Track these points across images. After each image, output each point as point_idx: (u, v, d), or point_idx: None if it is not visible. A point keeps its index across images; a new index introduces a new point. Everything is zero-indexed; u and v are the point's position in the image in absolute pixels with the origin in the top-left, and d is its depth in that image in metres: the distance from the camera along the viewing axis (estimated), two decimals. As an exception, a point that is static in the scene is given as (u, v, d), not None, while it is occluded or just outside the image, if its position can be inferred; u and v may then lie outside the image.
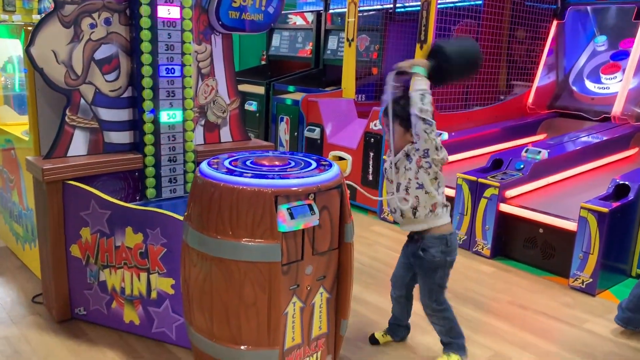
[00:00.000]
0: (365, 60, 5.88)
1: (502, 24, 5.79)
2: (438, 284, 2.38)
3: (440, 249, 2.33)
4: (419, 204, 2.31)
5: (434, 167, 2.28)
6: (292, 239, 2.01)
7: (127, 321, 2.61)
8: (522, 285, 3.43)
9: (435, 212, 2.32)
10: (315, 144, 5.21)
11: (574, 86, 5.60)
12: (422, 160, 2.27)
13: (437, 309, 2.41)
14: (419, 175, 2.29)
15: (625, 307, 2.80)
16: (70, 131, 2.66)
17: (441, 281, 2.38)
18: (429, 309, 2.43)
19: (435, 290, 2.39)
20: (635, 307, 2.76)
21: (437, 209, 2.32)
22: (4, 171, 3.40)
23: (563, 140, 4.60)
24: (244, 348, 2.03)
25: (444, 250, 2.34)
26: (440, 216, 2.33)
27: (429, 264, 2.35)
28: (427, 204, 2.31)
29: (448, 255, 2.35)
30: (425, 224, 2.34)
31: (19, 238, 3.34)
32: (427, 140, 2.22)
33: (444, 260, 2.35)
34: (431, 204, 2.31)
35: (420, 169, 2.28)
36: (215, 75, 3.13)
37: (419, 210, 2.31)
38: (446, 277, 2.40)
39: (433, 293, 2.40)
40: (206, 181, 2.02)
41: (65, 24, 2.55)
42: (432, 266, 2.35)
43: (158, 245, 2.43)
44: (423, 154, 2.26)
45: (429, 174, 2.28)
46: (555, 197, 3.92)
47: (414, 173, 2.29)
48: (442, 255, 2.34)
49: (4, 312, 2.81)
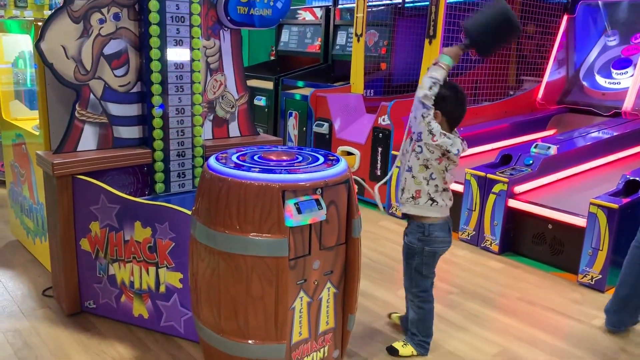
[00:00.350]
0: (374, 55, 5.87)
1: (512, 19, 5.73)
2: (416, 270, 2.43)
3: (417, 237, 2.39)
4: (405, 187, 2.38)
5: (425, 153, 2.30)
6: (300, 233, 2.02)
7: (136, 315, 2.63)
8: (530, 281, 3.42)
9: (416, 201, 2.35)
10: (324, 139, 5.21)
11: (585, 81, 5.56)
12: (416, 144, 2.31)
13: (416, 294, 2.46)
14: (410, 158, 2.35)
15: (611, 310, 2.77)
16: (80, 126, 2.68)
17: (420, 268, 2.42)
18: (409, 293, 2.50)
19: (414, 277, 2.45)
20: (619, 308, 2.74)
21: (420, 198, 2.34)
22: (15, 165, 3.43)
23: (573, 136, 4.57)
24: (251, 342, 2.04)
25: (421, 239, 2.38)
26: (423, 208, 2.35)
27: (407, 248, 2.44)
28: (412, 188, 2.35)
29: (426, 244, 2.38)
30: (404, 208, 2.40)
31: (29, 232, 3.38)
32: (421, 122, 2.26)
33: (421, 248, 2.39)
34: (415, 190, 2.34)
35: (413, 152, 2.33)
36: (224, 70, 3.13)
37: (404, 192, 2.38)
38: (425, 265, 2.42)
39: (413, 279, 2.46)
40: (214, 176, 2.02)
41: (75, 19, 2.56)
42: (410, 252, 2.43)
43: (166, 239, 2.44)
44: (417, 137, 2.30)
45: (418, 158, 2.32)
46: (564, 193, 3.90)
47: (409, 155, 2.36)
48: (419, 242, 2.39)
49: (15, 305, 2.85)
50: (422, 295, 2.46)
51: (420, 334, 2.50)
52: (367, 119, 5.15)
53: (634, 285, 2.69)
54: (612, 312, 2.78)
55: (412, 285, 2.47)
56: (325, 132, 5.20)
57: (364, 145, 4.86)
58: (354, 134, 5.05)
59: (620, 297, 2.74)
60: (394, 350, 2.51)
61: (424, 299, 2.46)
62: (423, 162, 2.32)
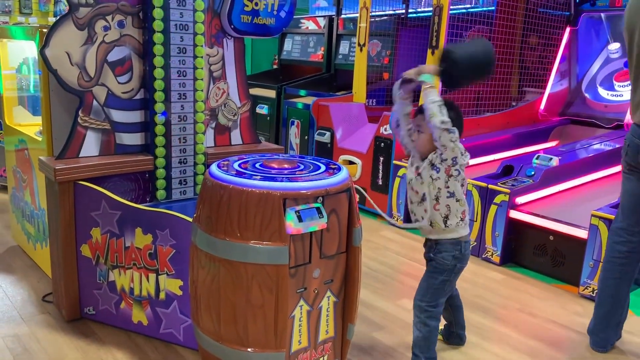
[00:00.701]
0: (377, 65, 5.89)
1: (515, 30, 5.77)
2: (437, 286, 2.36)
3: (452, 254, 2.32)
4: (450, 213, 2.29)
5: (462, 174, 2.27)
6: (300, 242, 2.02)
7: (136, 321, 2.63)
8: (531, 292, 3.41)
9: (464, 221, 2.31)
10: (326, 147, 5.22)
11: (587, 93, 5.57)
12: (452, 169, 2.24)
13: (424, 309, 2.36)
14: (449, 184, 2.26)
15: (595, 330, 2.75)
16: (83, 132, 2.69)
17: (442, 285, 2.35)
18: (417, 308, 2.40)
19: (431, 291, 2.37)
20: (604, 327, 2.72)
21: (466, 217, 2.32)
22: (17, 171, 3.44)
23: (575, 148, 4.57)
24: (250, 350, 2.04)
25: (457, 256, 2.32)
26: (466, 222, 2.34)
27: (438, 265, 2.34)
28: (459, 212, 2.29)
29: (459, 261, 2.34)
30: (455, 233, 2.31)
31: (30, 237, 3.38)
32: (454, 148, 2.21)
33: (452, 266, 2.33)
34: (461, 212, 2.30)
35: (451, 178, 2.26)
36: (227, 78, 3.15)
37: (450, 219, 2.29)
38: (449, 282, 2.37)
39: (428, 293, 2.36)
40: (215, 183, 2.03)
41: (80, 26, 2.58)
42: (440, 268, 2.34)
43: (167, 246, 2.44)
44: (452, 162, 2.23)
45: (459, 181, 2.27)
46: (566, 204, 3.89)
47: (444, 182, 2.26)
48: (453, 260, 2.32)
49: (15, 311, 2.84)
50: (431, 310, 2.36)
51: (422, 355, 2.40)
52: (369, 128, 5.16)
53: (613, 300, 2.67)
54: (596, 333, 2.74)
55: (425, 300, 2.37)
56: (327, 141, 5.20)
57: (366, 155, 4.86)
58: (355, 143, 5.06)
59: (601, 316, 2.71)
60: None
61: (432, 315, 2.37)
62: (461, 182, 2.28)
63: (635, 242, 2.61)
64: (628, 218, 2.62)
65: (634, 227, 2.60)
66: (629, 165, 2.59)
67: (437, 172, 2.26)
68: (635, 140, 2.53)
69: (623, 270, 2.65)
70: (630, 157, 2.56)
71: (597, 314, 2.74)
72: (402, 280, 3.50)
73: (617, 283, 2.66)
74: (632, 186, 2.59)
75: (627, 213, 2.62)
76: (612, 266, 2.67)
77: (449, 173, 2.25)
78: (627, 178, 2.62)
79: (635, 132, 2.54)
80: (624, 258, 2.64)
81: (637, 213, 2.59)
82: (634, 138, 2.53)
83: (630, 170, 2.59)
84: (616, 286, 2.66)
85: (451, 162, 2.23)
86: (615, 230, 2.68)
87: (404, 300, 3.19)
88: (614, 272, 2.66)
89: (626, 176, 2.63)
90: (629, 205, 2.62)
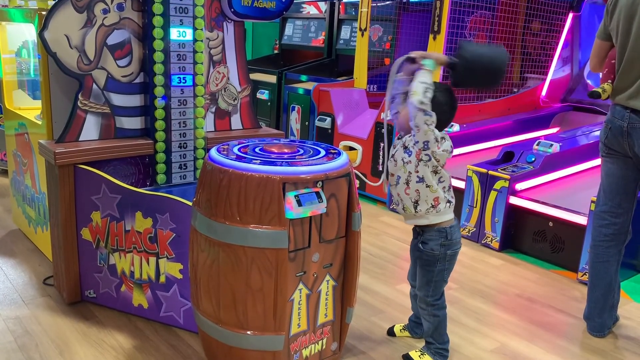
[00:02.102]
0: (378, 50, 5.86)
1: (518, 16, 5.73)
2: (436, 278, 2.32)
3: (439, 242, 2.27)
4: (420, 198, 2.24)
5: (433, 160, 2.19)
6: (299, 226, 2.02)
7: (136, 304, 2.65)
8: (530, 278, 3.42)
9: (437, 208, 2.24)
10: (326, 133, 5.21)
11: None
12: (422, 153, 2.18)
13: (431, 304, 2.35)
14: (419, 169, 2.20)
15: (592, 315, 2.76)
16: (83, 116, 2.69)
17: (440, 275, 2.32)
18: (423, 302, 2.37)
19: (432, 284, 2.33)
20: (599, 312, 2.74)
21: (440, 205, 2.24)
22: (17, 155, 3.44)
23: (576, 134, 4.56)
24: (249, 333, 2.05)
25: (444, 244, 2.27)
26: (443, 213, 2.25)
27: (428, 256, 2.29)
28: (429, 198, 2.23)
29: (448, 248, 2.28)
30: (426, 220, 2.26)
31: (31, 221, 3.39)
32: (427, 132, 2.13)
33: (443, 254, 2.28)
34: (433, 198, 2.23)
35: (420, 162, 2.19)
36: (227, 62, 3.13)
37: (419, 204, 2.24)
38: (446, 271, 2.33)
39: (430, 286, 2.33)
40: (215, 167, 2.03)
41: (79, 8, 2.56)
42: (432, 259, 2.29)
43: (167, 230, 2.45)
44: (423, 146, 2.17)
45: (428, 167, 2.20)
46: (566, 190, 3.89)
47: (414, 166, 2.21)
48: (441, 248, 2.27)
49: (16, 293, 2.86)
50: (437, 302, 2.35)
51: (437, 342, 2.41)
52: (369, 114, 5.15)
53: (604, 284, 2.70)
54: (592, 318, 2.76)
55: (429, 294, 2.34)
56: (327, 126, 5.19)
57: (366, 141, 4.85)
58: (356, 129, 5.05)
59: (596, 300, 2.73)
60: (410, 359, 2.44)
61: (439, 306, 2.36)
62: (433, 169, 2.21)
63: (619, 223, 2.66)
64: (611, 200, 2.66)
65: (617, 209, 2.65)
66: (608, 149, 2.63)
67: (409, 156, 2.21)
68: (617, 121, 2.55)
69: (610, 252, 2.69)
70: (610, 140, 2.59)
71: (591, 298, 2.76)
72: (402, 265, 3.51)
73: (605, 266, 2.69)
74: (612, 168, 2.64)
75: (609, 196, 2.67)
76: (599, 250, 2.71)
77: (418, 157, 2.19)
78: (606, 161, 2.67)
79: (619, 113, 2.55)
80: (610, 240, 2.68)
81: (619, 194, 2.64)
82: (616, 119, 2.56)
83: (608, 153, 2.64)
84: (606, 269, 2.69)
85: (422, 145, 2.16)
86: (599, 214, 2.72)
87: (403, 284, 3.20)
88: (601, 256, 2.70)
89: (605, 159, 2.67)
90: (610, 187, 2.67)
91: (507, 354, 2.56)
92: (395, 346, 2.57)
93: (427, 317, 2.39)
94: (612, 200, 2.66)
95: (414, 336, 2.64)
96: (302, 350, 2.20)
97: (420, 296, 2.38)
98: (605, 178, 2.69)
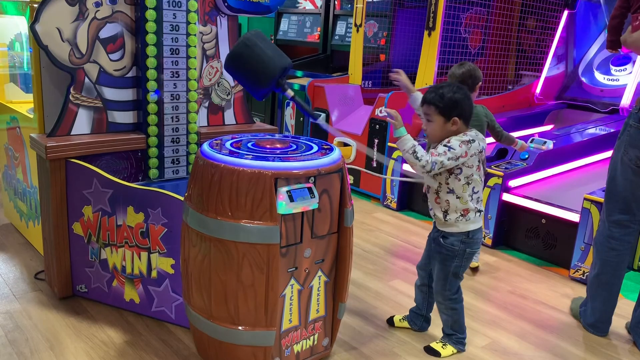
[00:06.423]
0: (373, 46, 5.85)
1: (513, 13, 5.74)
2: (453, 273, 2.38)
3: (460, 239, 2.32)
4: (449, 208, 2.30)
5: (465, 172, 2.25)
6: (291, 221, 2.02)
7: (128, 299, 2.64)
8: (522, 275, 3.43)
9: (466, 217, 2.30)
10: (321, 129, 5.20)
11: (583, 77, 5.56)
12: (454, 168, 2.25)
13: (448, 298, 2.41)
14: (449, 181, 2.27)
15: (595, 324, 2.77)
16: (74, 110, 2.67)
17: (456, 270, 2.38)
18: (440, 296, 2.44)
19: (449, 279, 2.39)
20: (606, 318, 2.75)
21: (469, 214, 2.30)
22: (9, 148, 3.42)
23: (570, 132, 4.57)
24: (241, 328, 2.05)
25: (465, 241, 2.33)
26: (473, 221, 2.31)
27: (447, 251, 2.34)
28: (458, 209, 2.29)
29: (468, 246, 2.34)
30: (455, 227, 2.31)
31: (22, 215, 3.37)
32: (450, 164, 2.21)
33: (462, 251, 2.33)
34: (462, 209, 2.29)
35: (451, 175, 2.26)
36: (220, 57, 3.12)
37: (449, 214, 2.30)
38: (462, 268, 2.39)
39: (447, 281, 2.39)
40: (207, 162, 2.02)
41: (71, 1, 2.54)
42: (450, 254, 2.34)
43: (159, 225, 2.44)
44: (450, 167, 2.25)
45: (459, 180, 2.25)
46: (559, 188, 3.90)
47: (445, 178, 2.27)
48: (461, 245, 2.33)
49: (7, 288, 2.85)
50: (455, 297, 2.42)
51: (457, 333, 2.49)
52: (364, 110, 5.14)
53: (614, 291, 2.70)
54: (598, 325, 2.76)
55: (446, 289, 2.40)
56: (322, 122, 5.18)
57: (361, 137, 4.85)
58: (350, 125, 5.04)
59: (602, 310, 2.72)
60: (435, 352, 2.47)
61: (456, 300, 2.43)
62: (465, 181, 2.26)
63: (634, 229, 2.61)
64: (637, 209, 2.56)
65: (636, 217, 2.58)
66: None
67: None
68: None
69: (620, 260, 2.65)
70: None
71: (596, 307, 2.73)
72: (395, 262, 3.51)
73: (619, 274, 2.67)
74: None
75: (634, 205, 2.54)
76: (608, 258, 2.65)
77: (450, 170, 2.26)
78: (635, 171, 2.49)
79: None
80: (621, 249, 2.63)
81: None
82: None
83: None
84: (618, 277, 2.67)
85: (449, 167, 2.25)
86: (624, 222, 2.59)
87: (396, 280, 3.21)
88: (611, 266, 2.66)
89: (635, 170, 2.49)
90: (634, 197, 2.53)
91: (499, 350, 2.57)
92: (387, 342, 2.57)
93: (445, 311, 2.46)
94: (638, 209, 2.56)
95: (413, 328, 2.66)
96: (294, 345, 2.20)
97: (438, 290, 2.44)
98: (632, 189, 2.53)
